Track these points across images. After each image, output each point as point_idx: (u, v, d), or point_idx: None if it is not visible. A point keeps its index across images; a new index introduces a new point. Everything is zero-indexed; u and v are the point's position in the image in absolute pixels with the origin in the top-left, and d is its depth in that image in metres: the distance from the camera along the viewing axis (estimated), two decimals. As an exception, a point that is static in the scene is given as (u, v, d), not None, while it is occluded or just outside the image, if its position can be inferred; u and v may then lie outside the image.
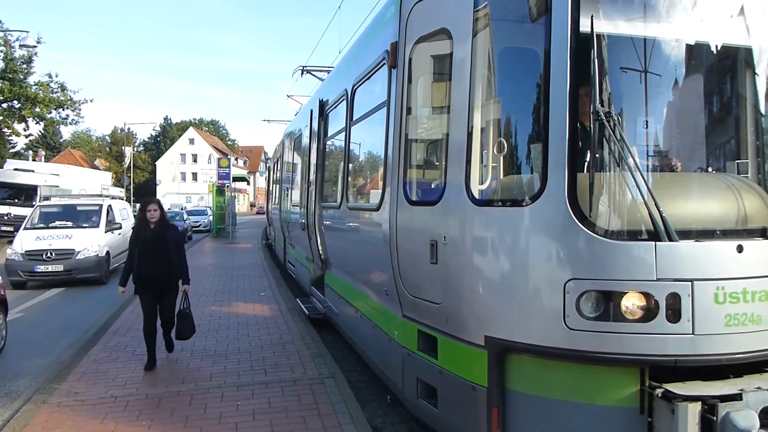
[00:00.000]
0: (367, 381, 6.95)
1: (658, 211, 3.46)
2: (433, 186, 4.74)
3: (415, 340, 4.85)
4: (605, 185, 3.65)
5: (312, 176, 9.81)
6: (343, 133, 7.23)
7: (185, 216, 34.01)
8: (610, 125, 3.50)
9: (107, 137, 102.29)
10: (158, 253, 7.05)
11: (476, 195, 4.07)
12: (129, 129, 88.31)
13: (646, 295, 3.44)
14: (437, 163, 4.73)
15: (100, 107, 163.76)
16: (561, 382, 3.76)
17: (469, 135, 4.11)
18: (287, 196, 14.36)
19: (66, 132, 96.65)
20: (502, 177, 4.12)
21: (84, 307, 12.22)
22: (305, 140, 11.10)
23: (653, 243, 3.46)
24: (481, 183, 4.14)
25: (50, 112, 30.98)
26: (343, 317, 7.91)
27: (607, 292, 3.52)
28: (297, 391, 6.19)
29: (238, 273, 16.31)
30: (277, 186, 18.31)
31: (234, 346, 8.15)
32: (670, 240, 3.45)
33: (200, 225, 37.31)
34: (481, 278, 4.00)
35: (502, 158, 4.09)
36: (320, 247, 8.95)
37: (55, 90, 30.68)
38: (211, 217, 35.61)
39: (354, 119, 6.83)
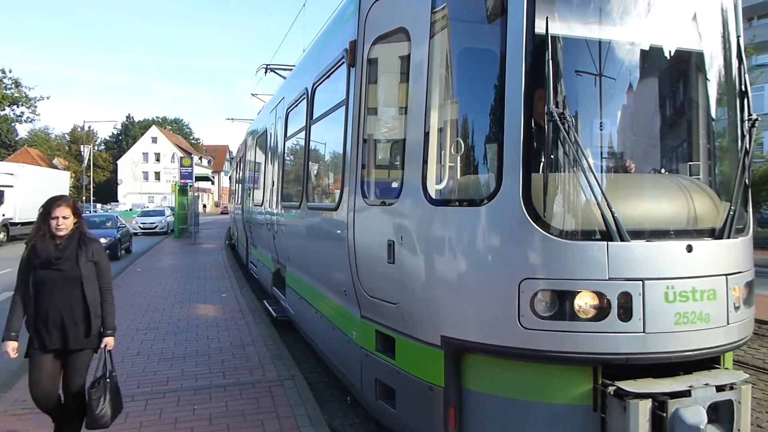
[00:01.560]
0: (327, 382, 6.90)
1: (611, 211, 3.50)
2: (390, 186, 4.72)
3: (374, 340, 4.82)
4: (559, 186, 3.67)
5: (274, 176, 9.71)
6: (304, 131, 7.17)
7: (118, 222, 23.86)
8: (564, 127, 3.52)
9: (67, 135, 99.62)
10: (65, 286, 4.33)
11: (433, 195, 4.06)
12: (90, 127, 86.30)
13: (599, 295, 3.48)
14: (395, 163, 4.72)
15: (59, 105, 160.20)
16: (517, 381, 3.78)
17: (426, 135, 4.11)
18: (250, 195, 14.20)
19: (22, 130, 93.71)
20: (459, 177, 4.13)
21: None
22: (267, 139, 10.99)
23: (605, 243, 3.50)
24: (438, 183, 4.13)
25: (3, 110, 29.99)
26: (303, 318, 7.84)
27: (560, 292, 3.54)
28: (256, 394, 6.10)
29: (200, 274, 16.04)
30: (240, 185, 18.10)
31: (192, 348, 7.99)
32: (622, 240, 3.50)
33: (156, 227, 35.48)
34: (437, 278, 3.99)
35: (459, 158, 4.10)
36: (281, 248, 8.86)
37: (8, 86, 29.72)
38: (170, 218, 35.03)
39: (314, 118, 6.77)
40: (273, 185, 9.76)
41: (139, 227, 34.98)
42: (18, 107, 30.51)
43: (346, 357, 5.61)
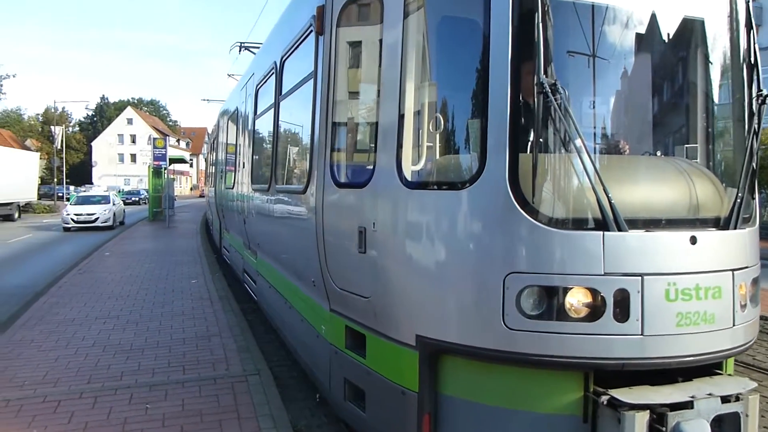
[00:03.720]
0: (297, 378, 6.46)
1: (607, 197, 3.09)
2: (363, 166, 4.27)
3: (343, 336, 4.40)
4: (550, 168, 3.26)
5: (244, 157, 9.20)
6: (272, 109, 6.67)
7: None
8: (556, 100, 3.10)
9: (40, 116, 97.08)
10: None
11: (408, 176, 3.62)
12: (63, 108, 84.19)
13: (593, 291, 3.09)
14: (367, 141, 4.26)
15: (31, 85, 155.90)
16: (499, 387, 3.37)
17: (401, 110, 3.65)
18: (222, 178, 13.64)
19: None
20: (437, 157, 3.69)
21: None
22: (238, 118, 10.45)
23: (601, 233, 3.10)
24: (415, 164, 3.69)
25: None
26: (273, 308, 7.39)
27: (550, 288, 3.14)
28: (216, 391, 5.64)
29: (171, 259, 15.45)
30: (214, 168, 17.49)
31: (153, 339, 7.49)
32: (620, 230, 3.10)
33: (95, 219, 26.15)
34: (412, 270, 3.56)
35: (438, 136, 3.65)
36: (252, 233, 8.38)
37: (-28, 63, 28.45)
38: (116, 206, 28.10)
39: (283, 94, 6.28)
40: (243, 167, 9.25)
41: (72, 220, 25.77)
42: (-18, 86, 29.26)
43: (315, 353, 5.18)
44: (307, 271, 5.16)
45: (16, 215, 32.76)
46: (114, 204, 28.22)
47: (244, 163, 9.24)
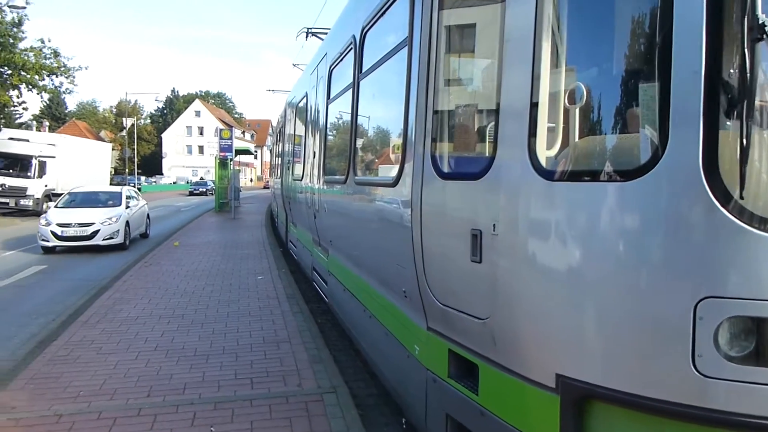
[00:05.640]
0: (377, 396, 5.70)
1: None
2: (476, 152, 3.40)
3: (445, 363, 3.56)
4: (765, 149, 2.29)
5: (315, 146, 8.48)
6: (351, 90, 5.86)
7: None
8: None
9: (114, 108, 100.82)
10: None
11: (546, 164, 2.72)
12: (136, 101, 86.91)
13: None
14: (484, 119, 3.38)
15: (106, 79, 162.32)
16: (679, 453, 2.44)
17: (534, 75, 2.75)
18: (289, 169, 13.03)
19: (71, 103, 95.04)
20: (586, 138, 2.77)
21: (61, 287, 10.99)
22: (307, 105, 9.75)
23: None
24: (554, 147, 2.79)
25: (43, 79, 29.51)
26: (347, 314, 6.63)
27: (764, 320, 2.19)
28: (289, 412, 4.93)
29: (236, 252, 15.04)
30: (279, 159, 16.98)
31: (219, 344, 6.89)
32: None
33: (91, 236, 15.70)
34: (555, 289, 2.66)
35: (586, 110, 2.73)
36: (323, 229, 7.66)
37: (48, 56, 29.18)
38: (133, 210, 17.52)
39: (363, 72, 5.46)
40: (314, 157, 8.53)
41: (53, 235, 15.61)
42: (57, 77, 29.97)
43: (405, 375, 4.36)
44: (396, 279, 4.34)
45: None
46: (128, 207, 17.36)
47: (314, 153, 8.53)
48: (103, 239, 15.90)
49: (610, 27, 2.65)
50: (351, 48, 5.92)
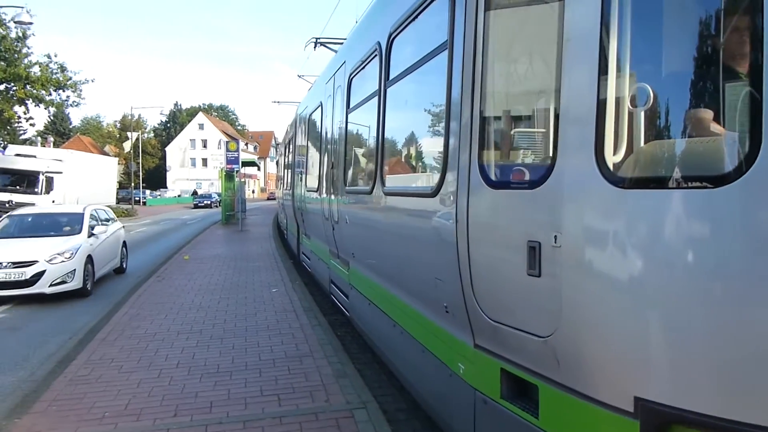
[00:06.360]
0: (407, 410, 5.51)
1: None
2: (531, 159, 3.24)
3: (498, 382, 3.37)
4: None
5: (333, 156, 8.32)
6: (377, 98, 5.71)
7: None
8: None
9: (117, 123, 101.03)
10: None
11: (614, 169, 2.56)
12: (139, 115, 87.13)
13: None
14: (542, 121, 3.21)
15: (110, 93, 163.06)
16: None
17: (600, 76, 2.59)
18: (302, 180, 12.87)
19: (75, 118, 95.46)
20: (660, 141, 2.60)
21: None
22: (323, 115, 9.60)
23: None
24: (622, 151, 2.62)
25: (50, 94, 29.50)
26: (373, 328, 6.44)
27: None
28: (320, 429, 4.77)
29: (247, 265, 14.88)
30: (289, 170, 16.83)
31: (241, 360, 6.71)
32: None
33: (33, 279, 10.49)
34: (631, 305, 2.48)
35: (650, 112, 2.56)
36: (344, 241, 7.48)
37: (54, 71, 29.19)
38: (99, 240, 12.36)
39: (391, 79, 5.31)
40: (332, 167, 8.37)
41: None
42: (63, 91, 29.96)
43: (446, 395, 4.17)
44: (434, 293, 4.16)
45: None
46: (93, 235, 12.35)
47: (332, 164, 8.37)
48: (50, 285, 10.74)
49: (687, 22, 2.48)
50: (376, 55, 5.77)
